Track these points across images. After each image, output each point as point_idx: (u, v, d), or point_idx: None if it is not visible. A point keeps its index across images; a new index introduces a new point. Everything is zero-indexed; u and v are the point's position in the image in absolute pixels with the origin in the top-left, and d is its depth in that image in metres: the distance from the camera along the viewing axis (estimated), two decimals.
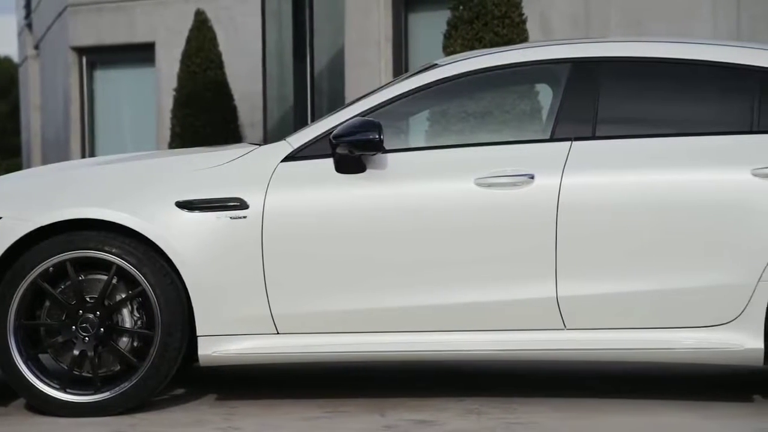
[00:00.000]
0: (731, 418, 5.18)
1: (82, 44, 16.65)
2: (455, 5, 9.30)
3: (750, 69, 5.38)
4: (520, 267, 5.25)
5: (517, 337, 5.28)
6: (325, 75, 14.44)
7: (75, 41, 16.68)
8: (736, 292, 5.16)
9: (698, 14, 10.88)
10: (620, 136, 5.34)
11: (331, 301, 5.32)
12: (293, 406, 5.49)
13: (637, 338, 5.24)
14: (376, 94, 5.61)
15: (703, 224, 5.17)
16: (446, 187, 5.32)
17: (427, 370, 6.28)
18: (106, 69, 16.86)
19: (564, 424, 5.13)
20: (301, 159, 5.43)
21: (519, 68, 5.57)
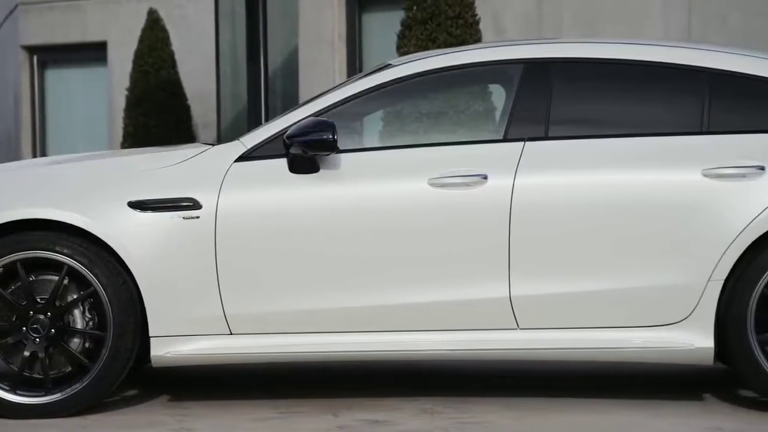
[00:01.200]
0: (681, 417, 5.22)
1: (33, 43, 16.50)
2: (409, 5, 9.31)
3: (700, 70, 5.43)
4: (474, 267, 5.26)
5: (470, 337, 5.29)
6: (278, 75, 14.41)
7: (26, 40, 16.52)
8: (687, 291, 5.20)
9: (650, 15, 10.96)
10: (573, 137, 5.37)
11: (285, 302, 5.31)
12: (247, 407, 5.47)
13: (589, 338, 5.27)
14: (330, 94, 5.61)
15: (654, 224, 5.21)
16: (400, 187, 5.32)
17: (380, 370, 6.29)
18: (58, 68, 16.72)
19: (517, 423, 5.16)
20: (254, 159, 5.41)
21: (472, 69, 5.58)
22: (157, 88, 13.40)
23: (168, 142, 12.82)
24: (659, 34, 10.76)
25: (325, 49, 12.70)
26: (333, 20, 12.66)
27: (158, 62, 13.49)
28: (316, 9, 12.78)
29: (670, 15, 10.87)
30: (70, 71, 16.70)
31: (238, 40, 14.68)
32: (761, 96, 5.37)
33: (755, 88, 5.37)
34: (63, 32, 16.20)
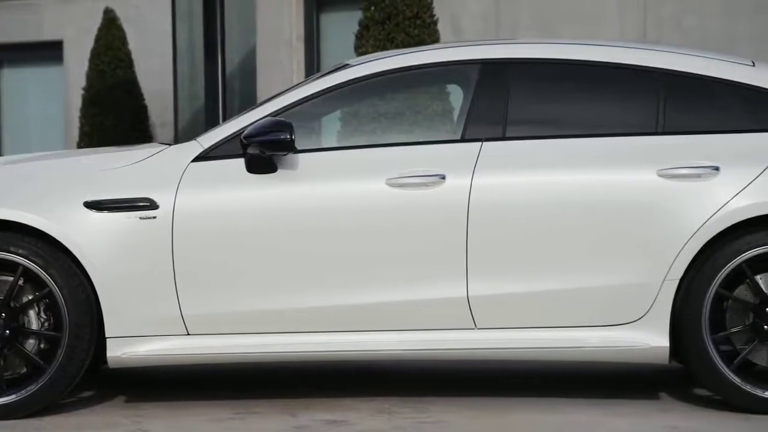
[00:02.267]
0: (638, 416, 5.25)
1: None
2: (367, 6, 9.32)
3: (655, 71, 5.46)
4: (432, 267, 5.27)
5: (428, 337, 5.30)
6: (236, 74, 14.36)
7: None
8: (643, 291, 5.24)
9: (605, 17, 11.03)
10: (530, 137, 5.39)
11: (242, 302, 5.29)
12: (204, 408, 5.46)
13: (546, 337, 5.29)
14: (288, 94, 5.60)
15: (609, 225, 5.24)
16: (358, 188, 5.32)
17: (338, 370, 6.28)
18: (13, 67, 16.57)
19: (474, 422, 5.17)
20: (211, 159, 5.40)
21: (430, 69, 5.59)
22: (114, 88, 13.32)
23: (125, 141, 12.75)
24: (615, 35, 10.83)
25: (283, 49, 12.68)
26: (291, 20, 12.64)
27: (115, 62, 13.42)
28: (274, 9, 12.76)
29: (625, 16, 10.94)
30: (25, 70, 16.56)
31: (196, 39, 14.62)
32: (716, 97, 5.41)
33: (710, 88, 5.42)
34: (18, 31, 16.06)
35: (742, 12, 10.58)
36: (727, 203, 5.20)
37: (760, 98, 5.39)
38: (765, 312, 5.22)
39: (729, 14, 10.63)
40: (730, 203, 5.19)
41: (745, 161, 5.25)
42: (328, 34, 12.81)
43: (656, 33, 10.72)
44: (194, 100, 14.69)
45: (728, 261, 5.20)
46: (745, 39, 10.47)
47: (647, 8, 10.85)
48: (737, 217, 5.19)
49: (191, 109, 14.75)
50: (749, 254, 5.19)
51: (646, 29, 10.81)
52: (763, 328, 5.23)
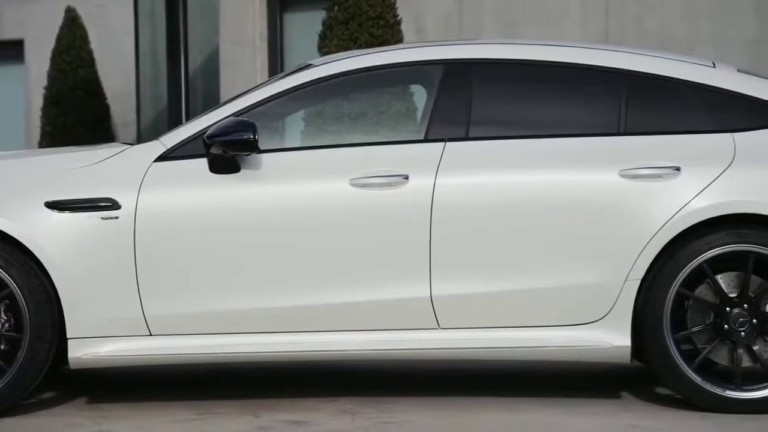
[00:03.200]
0: (600, 415, 5.28)
1: None
2: (330, 6, 9.32)
3: (618, 72, 5.49)
4: (395, 267, 5.28)
5: (392, 337, 5.30)
6: (199, 74, 14.32)
7: None
8: (605, 291, 5.26)
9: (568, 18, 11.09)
10: (493, 137, 5.40)
11: (205, 303, 5.28)
12: (166, 409, 5.43)
13: (509, 337, 5.30)
14: (251, 93, 5.58)
15: (572, 225, 5.27)
16: (321, 188, 5.32)
17: (301, 370, 6.28)
18: None
19: (437, 422, 5.18)
20: (174, 159, 5.38)
21: (393, 69, 5.60)
22: (76, 87, 13.25)
23: (87, 141, 12.68)
24: (577, 36, 10.88)
25: (246, 48, 12.65)
26: (254, 20, 12.62)
27: (76, 61, 13.35)
28: (237, 8, 12.73)
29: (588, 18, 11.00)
30: None
31: (158, 39, 14.57)
32: (677, 97, 5.45)
33: (671, 89, 5.45)
34: None
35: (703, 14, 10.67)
36: (688, 203, 5.23)
37: (721, 99, 5.43)
38: (725, 311, 5.26)
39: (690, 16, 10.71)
40: (691, 203, 5.23)
41: (705, 162, 5.28)
42: (292, 33, 12.80)
43: (618, 34, 10.79)
44: (157, 100, 14.64)
45: (689, 261, 5.23)
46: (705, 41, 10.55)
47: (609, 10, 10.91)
48: (698, 217, 5.22)
49: (154, 109, 14.69)
50: (710, 254, 5.23)
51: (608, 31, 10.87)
52: (723, 328, 5.26)
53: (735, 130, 5.37)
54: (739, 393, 5.25)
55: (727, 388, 5.26)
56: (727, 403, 5.24)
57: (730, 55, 9.47)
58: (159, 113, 14.61)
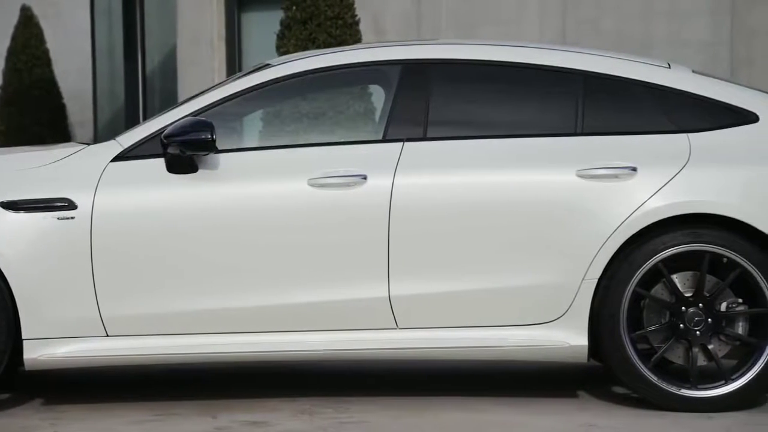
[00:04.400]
0: (557, 414, 5.30)
1: None
2: (288, 6, 9.31)
3: (574, 72, 5.52)
4: (354, 267, 5.28)
5: (350, 337, 5.30)
6: (157, 74, 14.25)
7: None
8: (562, 290, 5.29)
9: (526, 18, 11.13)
10: (451, 137, 5.42)
11: (162, 303, 5.25)
12: (123, 410, 5.41)
13: (467, 336, 5.32)
14: (209, 93, 5.57)
15: (529, 224, 5.29)
16: (279, 188, 5.31)
17: (259, 370, 6.26)
18: None
19: (395, 422, 5.18)
20: (131, 159, 5.35)
21: (352, 69, 5.60)
22: (32, 87, 13.15)
23: (43, 141, 12.58)
24: (535, 37, 10.93)
25: (204, 48, 12.60)
26: (212, 19, 12.57)
27: (32, 60, 13.25)
28: (195, 8, 12.68)
29: (545, 18, 11.05)
30: None
31: (115, 38, 14.48)
32: (633, 98, 5.49)
33: (627, 90, 5.49)
34: None
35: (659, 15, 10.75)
36: (644, 203, 5.27)
37: (676, 100, 5.47)
38: (681, 311, 5.31)
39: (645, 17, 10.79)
40: (647, 203, 5.27)
41: (661, 162, 5.32)
42: (250, 33, 12.76)
43: (575, 35, 10.84)
44: (114, 99, 14.55)
45: (645, 261, 5.27)
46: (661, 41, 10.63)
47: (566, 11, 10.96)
48: (654, 217, 5.26)
49: (111, 109, 14.61)
50: (665, 254, 5.27)
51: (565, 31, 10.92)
52: (679, 327, 5.31)
53: (690, 130, 5.41)
54: (694, 392, 5.29)
55: (683, 386, 5.30)
56: (682, 402, 5.28)
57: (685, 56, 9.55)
58: (116, 113, 14.53)
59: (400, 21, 11.67)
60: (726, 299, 5.31)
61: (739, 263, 5.25)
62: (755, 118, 5.45)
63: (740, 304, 5.31)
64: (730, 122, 5.44)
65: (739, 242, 5.25)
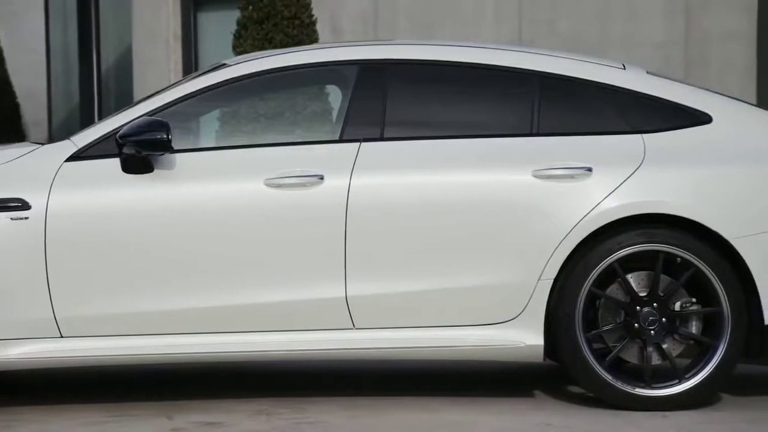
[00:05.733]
0: (513, 413, 5.32)
1: None
2: (245, 5, 9.29)
3: (530, 73, 5.55)
4: (311, 267, 5.27)
5: (307, 337, 5.30)
6: (112, 73, 14.17)
7: None
8: (518, 290, 5.31)
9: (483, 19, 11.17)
10: (408, 138, 5.43)
11: (118, 304, 5.23)
12: (79, 411, 5.37)
13: (423, 336, 5.33)
14: (164, 93, 5.54)
15: (486, 224, 5.31)
16: (235, 188, 5.29)
17: (215, 371, 6.24)
18: None
19: (352, 422, 5.19)
20: (86, 159, 5.32)
21: (308, 69, 5.59)
22: None
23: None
24: (492, 37, 10.97)
25: (160, 48, 12.55)
26: (168, 19, 12.52)
27: None
28: (151, 7, 12.62)
29: (501, 19, 11.09)
30: None
31: (70, 37, 14.38)
32: (588, 99, 5.52)
33: (583, 91, 5.52)
34: None
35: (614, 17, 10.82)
36: (599, 204, 5.30)
37: (631, 100, 5.51)
38: (636, 310, 5.34)
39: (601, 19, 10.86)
40: (603, 204, 5.30)
41: (616, 162, 5.36)
42: (206, 33, 12.72)
43: (531, 36, 10.90)
44: (69, 99, 14.45)
45: (600, 260, 5.30)
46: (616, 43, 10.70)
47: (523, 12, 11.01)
48: (609, 217, 5.30)
49: (66, 108, 14.50)
50: (620, 254, 5.30)
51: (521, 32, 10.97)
52: (633, 326, 5.34)
53: (645, 131, 5.45)
54: (648, 390, 5.33)
55: (637, 385, 5.34)
56: (637, 401, 5.32)
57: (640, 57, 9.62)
58: (71, 112, 14.43)
59: (357, 21, 11.67)
60: (680, 299, 5.36)
61: (693, 263, 5.29)
62: (708, 119, 5.50)
63: (694, 303, 5.36)
64: (684, 123, 5.49)
65: (692, 242, 5.29)
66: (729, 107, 5.58)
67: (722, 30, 10.51)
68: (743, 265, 5.29)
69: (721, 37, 10.51)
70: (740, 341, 5.32)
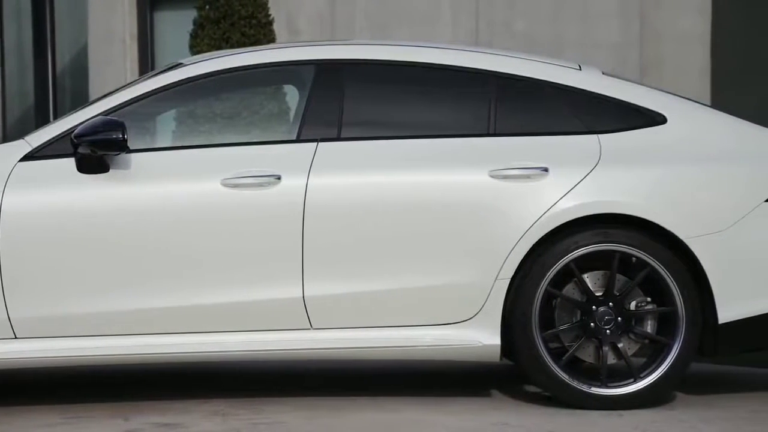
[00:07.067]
0: (470, 413, 5.34)
1: None
2: (201, 5, 9.26)
3: (487, 73, 5.57)
4: (268, 268, 5.26)
5: (265, 338, 5.29)
6: (67, 72, 14.07)
7: None
8: (475, 290, 5.33)
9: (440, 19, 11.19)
10: (365, 138, 5.43)
11: (74, 304, 5.19)
12: (33, 413, 5.33)
13: (380, 336, 5.34)
14: (120, 92, 5.52)
15: (443, 224, 5.32)
16: (192, 188, 5.28)
17: (171, 372, 6.22)
18: None
19: (309, 422, 5.18)
20: (41, 158, 5.29)
21: (265, 69, 5.59)
22: None
23: None
24: (449, 38, 10.99)
25: (116, 47, 12.47)
26: (123, 18, 12.44)
27: None
28: (106, 6, 12.54)
29: (458, 20, 11.12)
30: None
31: (24, 36, 14.26)
32: (544, 99, 5.54)
33: (539, 91, 5.55)
34: None
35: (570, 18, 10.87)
36: (555, 204, 5.33)
37: (586, 101, 5.54)
38: (592, 310, 5.37)
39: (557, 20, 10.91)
40: (559, 204, 5.33)
41: (572, 163, 5.39)
42: (163, 32, 12.66)
43: (488, 36, 10.93)
44: (23, 98, 14.33)
45: (557, 260, 5.33)
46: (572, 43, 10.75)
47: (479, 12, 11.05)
48: (565, 217, 5.32)
49: (20, 108, 14.39)
50: (577, 253, 5.33)
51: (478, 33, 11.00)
52: (589, 326, 5.37)
53: (600, 131, 5.48)
54: (604, 390, 5.36)
55: (593, 385, 5.37)
56: (593, 400, 5.35)
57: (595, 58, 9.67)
58: (25, 111, 14.31)
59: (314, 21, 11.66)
60: (635, 298, 5.39)
61: (648, 263, 5.33)
62: (663, 119, 5.54)
63: (649, 303, 5.40)
64: (640, 124, 5.53)
65: (647, 242, 5.33)
66: (684, 108, 5.63)
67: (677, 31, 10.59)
68: (698, 265, 5.34)
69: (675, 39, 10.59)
70: (694, 340, 5.37)
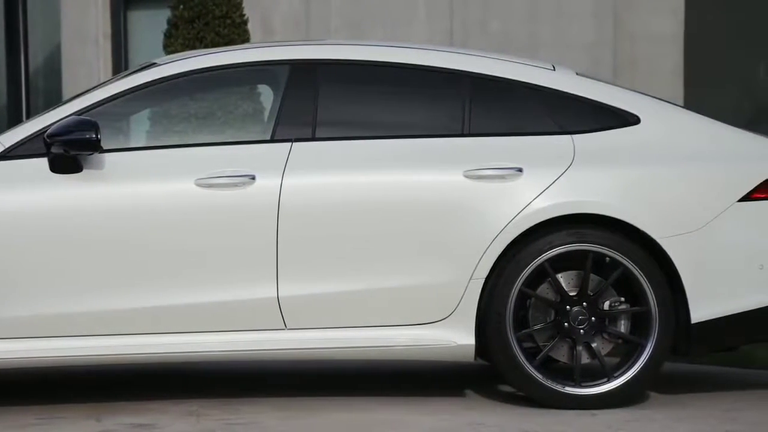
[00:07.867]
0: (444, 413, 5.35)
1: None
2: (175, 4, 9.24)
3: (462, 74, 5.58)
4: (242, 268, 5.26)
5: (239, 338, 5.28)
6: (40, 72, 14.01)
7: None
8: (449, 290, 5.33)
9: (415, 19, 11.20)
10: (339, 138, 5.43)
11: (46, 305, 5.17)
12: (5, 414, 5.31)
13: (355, 336, 5.34)
14: (93, 92, 5.50)
15: (417, 224, 5.32)
16: (166, 188, 5.26)
17: (145, 372, 6.20)
18: None
19: (284, 423, 5.18)
20: (13, 158, 5.27)
21: (239, 69, 5.58)
22: None
23: None
24: (423, 38, 11.01)
25: (89, 46, 12.43)
26: (97, 17, 12.40)
27: None
28: (79, 6, 12.49)
29: (433, 20, 11.14)
30: None
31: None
32: (519, 100, 5.56)
33: (513, 92, 5.56)
34: None
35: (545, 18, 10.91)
36: (529, 204, 5.34)
37: (560, 101, 5.56)
38: (565, 310, 5.39)
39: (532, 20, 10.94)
40: (533, 204, 5.34)
41: (546, 163, 5.40)
42: (136, 32, 12.62)
43: (463, 37, 10.95)
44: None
45: (531, 260, 5.34)
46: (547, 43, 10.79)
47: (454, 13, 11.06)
48: (539, 217, 5.34)
49: None
50: (551, 253, 5.35)
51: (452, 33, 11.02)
52: (563, 326, 5.39)
53: (574, 132, 5.50)
54: (578, 389, 5.38)
55: (567, 384, 5.39)
56: (567, 399, 5.37)
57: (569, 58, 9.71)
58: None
59: (289, 21, 11.65)
60: (609, 298, 5.41)
61: (621, 262, 5.35)
62: (637, 120, 5.56)
63: (622, 303, 5.42)
64: (613, 124, 5.55)
65: (621, 242, 5.35)
66: (657, 108, 5.65)
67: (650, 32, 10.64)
68: (671, 265, 5.36)
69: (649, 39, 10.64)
70: (668, 340, 5.39)
